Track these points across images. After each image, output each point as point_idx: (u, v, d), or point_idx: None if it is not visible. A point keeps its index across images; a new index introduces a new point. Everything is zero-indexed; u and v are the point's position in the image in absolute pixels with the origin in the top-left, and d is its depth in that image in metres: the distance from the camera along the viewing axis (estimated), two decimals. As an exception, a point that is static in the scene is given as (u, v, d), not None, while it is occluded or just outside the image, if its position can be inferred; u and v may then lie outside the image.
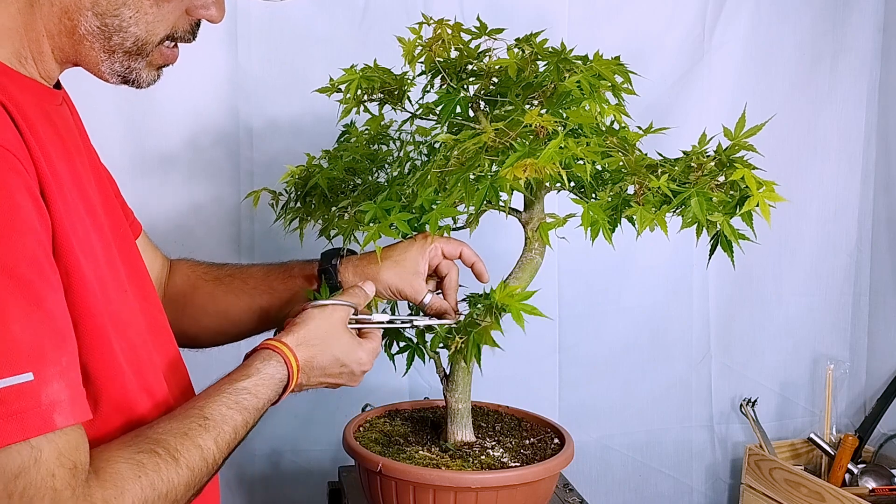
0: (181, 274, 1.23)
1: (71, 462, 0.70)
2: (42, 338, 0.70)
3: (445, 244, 1.18)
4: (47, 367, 0.70)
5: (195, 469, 0.80)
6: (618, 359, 1.97)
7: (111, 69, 0.88)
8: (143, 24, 0.86)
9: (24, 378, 0.68)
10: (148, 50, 0.88)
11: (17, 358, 0.68)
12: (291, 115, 1.71)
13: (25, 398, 0.68)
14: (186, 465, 0.79)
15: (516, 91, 1.10)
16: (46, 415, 0.69)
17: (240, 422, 0.88)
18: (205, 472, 0.82)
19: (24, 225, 0.71)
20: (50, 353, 0.71)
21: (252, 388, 0.91)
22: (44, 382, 0.69)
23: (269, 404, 0.94)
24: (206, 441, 0.83)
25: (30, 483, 0.67)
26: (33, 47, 0.85)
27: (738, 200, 0.98)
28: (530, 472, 1.14)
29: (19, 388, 0.67)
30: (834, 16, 1.99)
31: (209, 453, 0.83)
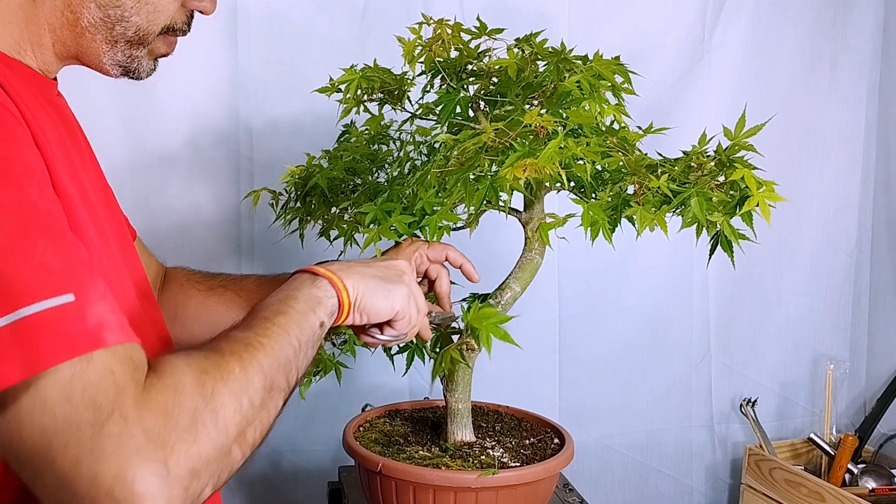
0: (175, 282, 1.23)
1: (130, 360, 0.67)
2: (75, 264, 0.67)
3: (430, 249, 1.18)
4: (87, 289, 0.67)
5: (242, 355, 0.75)
6: (618, 359, 1.97)
7: (113, 60, 0.89)
8: (144, 13, 0.87)
9: (64, 299, 0.64)
10: (149, 40, 0.89)
11: (52, 281, 0.64)
12: (291, 115, 1.71)
13: (70, 318, 0.64)
14: (230, 351, 0.75)
15: (516, 91, 1.10)
16: (95, 332, 0.65)
17: (270, 313, 0.82)
18: (258, 357, 0.76)
19: (34, 170, 0.70)
20: (86, 278, 0.67)
21: (281, 294, 0.87)
22: (87, 302, 0.66)
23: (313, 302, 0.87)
24: (239, 333, 0.79)
25: (88, 381, 0.64)
26: (34, 40, 0.85)
27: (738, 200, 0.98)
28: (530, 472, 1.14)
29: (62, 309, 0.64)
30: (834, 16, 2.00)
31: (250, 339, 0.78)
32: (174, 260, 1.30)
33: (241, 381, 0.73)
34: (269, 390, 0.76)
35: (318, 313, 0.87)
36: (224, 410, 0.70)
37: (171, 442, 0.65)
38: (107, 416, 0.63)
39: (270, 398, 0.77)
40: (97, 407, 0.63)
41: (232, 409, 0.71)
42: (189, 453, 0.66)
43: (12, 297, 0.63)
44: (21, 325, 0.62)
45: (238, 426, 0.71)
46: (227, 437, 0.70)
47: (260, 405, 0.75)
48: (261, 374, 0.75)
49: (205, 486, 0.68)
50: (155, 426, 0.64)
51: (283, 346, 0.80)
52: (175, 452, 0.65)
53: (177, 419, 0.66)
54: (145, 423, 0.64)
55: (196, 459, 0.66)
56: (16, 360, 0.62)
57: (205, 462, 0.67)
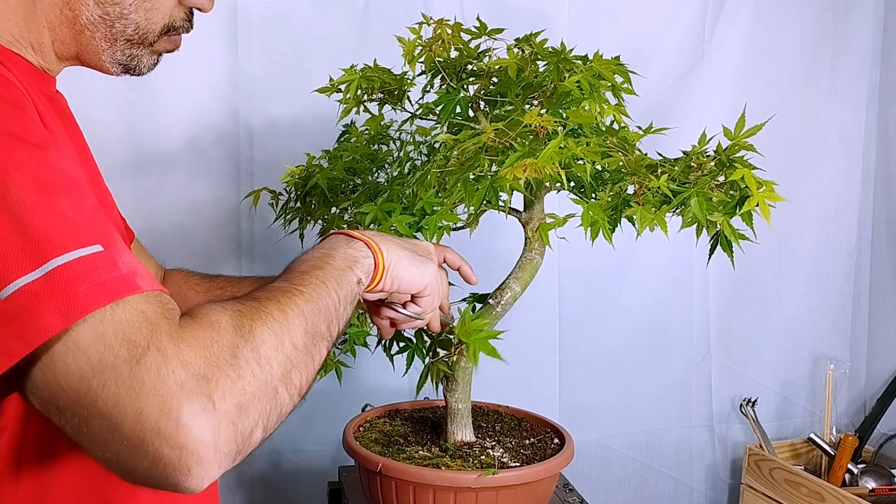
0: (173, 284, 1.23)
1: (160, 302, 0.66)
2: (99, 220, 0.67)
3: None
4: (115, 240, 0.66)
5: (280, 299, 0.73)
6: (618, 359, 1.97)
7: (112, 58, 0.89)
8: (143, 11, 0.87)
9: (94, 248, 0.64)
10: (150, 39, 0.89)
11: (80, 232, 0.64)
12: (291, 115, 1.71)
13: (103, 266, 0.63)
14: (267, 298, 0.73)
15: (516, 91, 1.10)
16: (129, 279, 0.64)
17: (307, 268, 0.81)
18: (298, 301, 0.75)
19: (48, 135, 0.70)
20: (111, 232, 0.67)
21: (317, 252, 0.85)
22: (117, 252, 0.65)
23: (350, 260, 0.85)
24: (276, 284, 0.77)
25: (119, 321, 0.62)
26: (33, 38, 0.85)
27: (738, 200, 0.98)
28: (530, 472, 1.14)
29: (93, 258, 0.63)
30: (834, 16, 2.00)
31: (288, 287, 0.76)
32: (174, 260, 1.30)
33: (282, 322, 0.71)
34: (312, 335, 0.74)
35: (356, 271, 0.85)
36: (265, 348, 0.68)
37: (213, 376, 0.63)
38: (143, 352, 0.61)
39: (314, 344, 0.74)
40: (132, 343, 0.62)
41: (273, 348, 0.69)
42: (234, 388, 0.64)
43: (42, 250, 0.62)
44: (54, 276, 0.61)
45: (282, 365, 0.69)
46: (271, 375, 0.68)
47: (303, 349, 0.72)
48: (301, 317, 0.73)
49: (254, 426, 0.66)
50: (196, 361, 0.63)
51: (323, 296, 0.78)
52: (219, 387, 0.63)
53: (217, 354, 0.64)
54: (185, 357, 0.62)
55: (242, 394, 0.64)
56: (53, 310, 0.61)
57: (251, 397, 0.65)
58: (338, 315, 0.80)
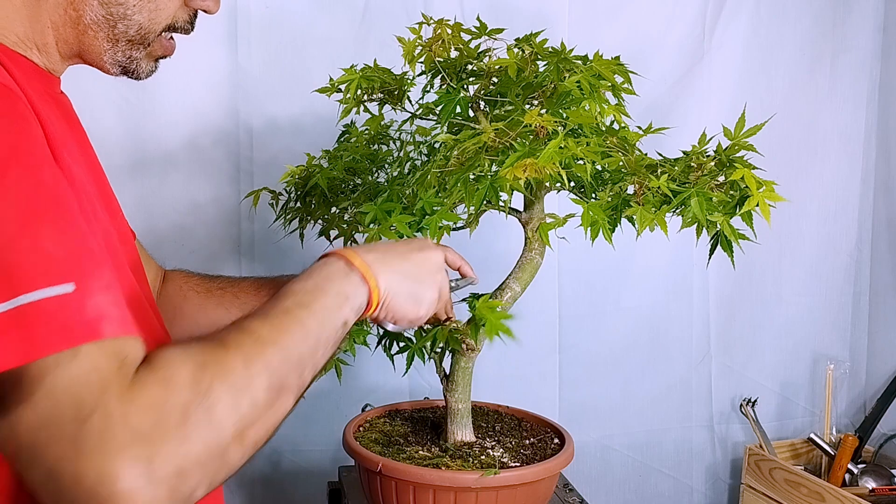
0: (173, 284, 1.23)
1: (116, 355, 0.65)
2: (79, 254, 0.66)
3: None
4: (89, 279, 0.65)
5: (247, 350, 0.71)
6: (618, 359, 1.97)
7: (113, 59, 0.89)
8: (146, 11, 0.87)
9: (64, 288, 0.63)
10: (150, 39, 0.89)
11: (54, 269, 0.64)
12: (291, 115, 1.71)
13: (69, 308, 0.63)
14: (235, 345, 0.71)
15: (516, 91, 1.10)
16: (93, 324, 0.64)
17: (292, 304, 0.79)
18: (267, 354, 0.73)
19: (45, 154, 0.70)
20: (90, 268, 0.66)
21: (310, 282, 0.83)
22: (87, 294, 0.64)
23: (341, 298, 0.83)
24: (252, 323, 0.75)
25: (71, 377, 0.62)
26: (38, 38, 0.85)
27: (738, 200, 0.98)
28: (530, 472, 1.14)
29: (61, 299, 0.63)
30: (834, 16, 2.00)
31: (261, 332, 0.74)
32: (174, 260, 1.30)
33: (243, 378, 0.69)
34: (277, 390, 0.72)
35: (344, 310, 0.83)
36: (220, 409, 0.66)
37: (157, 439, 0.63)
38: (89, 413, 0.62)
39: (278, 398, 0.72)
40: (80, 403, 0.62)
41: (229, 408, 0.67)
42: (177, 452, 0.63)
43: (14, 284, 0.62)
44: (21, 312, 0.62)
45: (236, 426, 0.68)
46: (222, 436, 0.67)
47: (264, 405, 0.71)
48: (266, 372, 0.71)
49: (196, 487, 0.65)
50: (141, 423, 0.62)
51: (299, 343, 0.76)
52: (161, 451, 0.62)
53: (166, 415, 0.64)
54: (130, 419, 0.62)
55: (184, 458, 0.64)
56: (13, 346, 0.61)
57: (194, 462, 0.64)
58: (314, 361, 0.78)
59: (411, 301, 0.92)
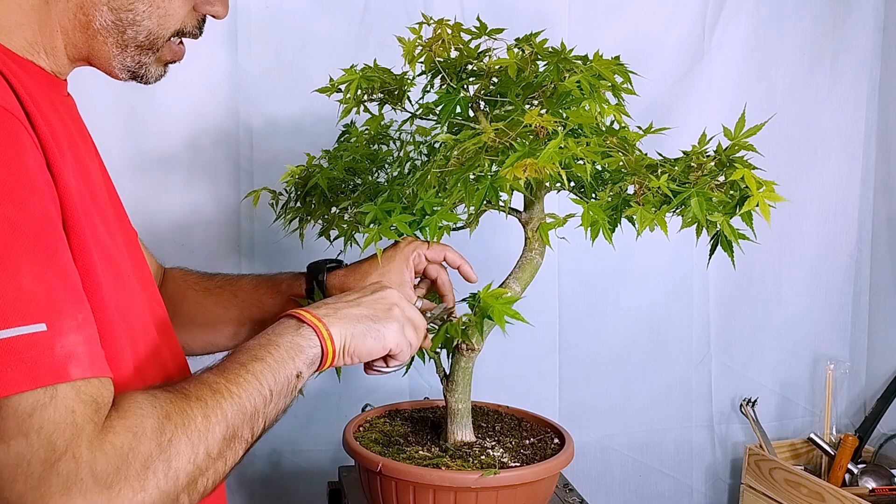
0: (173, 282, 1.24)
1: (92, 399, 0.68)
2: (56, 291, 0.68)
3: (428, 249, 1.18)
4: (62, 319, 0.68)
5: (206, 401, 0.76)
6: (618, 359, 1.97)
7: (122, 64, 0.90)
8: (156, 17, 0.88)
9: (36, 328, 0.66)
10: (159, 44, 0.90)
11: (28, 308, 0.66)
12: (291, 115, 1.71)
13: (38, 348, 0.65)
14: (196, 397, 0.76)
15: (516, 91, 1.10)
16: (60, 365, 0.66)
17: (247, 358, 0.83)
18: (224, 406, 0.77)
19: (35, 184, 0.71)
20: (65, 307, 0.69)
21: (264, 339, 0.87)
22: (58, 334, 0.67)
23: (294, 350, 0.87)
24: (211, 376, 0.80)
25: (47, 419, 0.65)
26: (46, 42, 0.86)
27: (738, 200, 0.98)
28: (530, 472, 1.14)
29: (32, 338, 0.65)
30: (834, 16, 2.00)
31: (218, 385, 0.78)
32: (174, 260, 1.30)
33: (202, 429, 0.74)
34: (231, 440, 0.77)
35: (297, 362, 0.87)
36: (178, 460, 0.71)
37: (117, 486, 0.66)
38: (59, 456, 0.64)
39: (229, 448, 0.77)
40: (52, 446, 0.64)
41: (186, 459, 0.72)
42: (133, 500, 0.67)
43: None
44: None
45: (190, 475, 0.72)
46: (175, 485, 0.71)
47: (217, 455, 0.75)
48: (223, 423, 0.76)
49: None
50: (106, 469, 0.66)
51: (253, 395, 0.80)
52: (119, 498, 0.66)
53: (129, 464, 0.67)
54: (97, 465, 0.65)
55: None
56: None
57: None
58: (266, 413, 0.82)
59: (371, 338, 0.95)
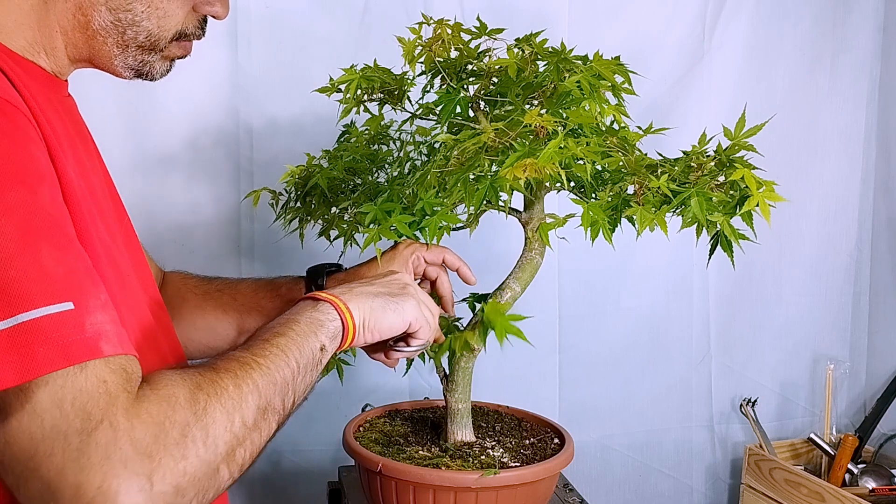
0: (172, 285, 1.24)
1: (123, 371, 0.67)
2: (78, 272, 0.68)
3: (427, 252, 1.19)
4: (88, 298, 0.67)
5: (236, 373, 0.75)
6: (618, 359, 1.97)
7: (125, 63, 0.90)
8: (155, 18, 0.87)
9: (64, 307, 0.64)
10: (161, 45, 0.90)
11: (54, 288, 0.65)
12: (291, 115, 1.71)
13: (68, 327, 0.64)
14: (225, 369, 0.75)
15: (516, 91, 1.10)
16: (93, 342, 0.65)
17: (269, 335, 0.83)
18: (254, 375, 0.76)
19: (43, 173, 0.70)
20: (88, 287, 0.68)
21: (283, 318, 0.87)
22: (86, 312, 0.66)
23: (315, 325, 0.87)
24: (237, 352, 0.79)
25: (80, 390, 0.64)
26: (46, 42, 0.86)
27: (738, 200, 0.98)
28: (530, 472, 1.14)
29: (60, 317, 0.64)
30: (834, 16, 2.00)
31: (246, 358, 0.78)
32: (174, 260, 1.30)
33: (235, 398, 0.73)
34: (264, 410, 0.76)
35: (320, 336, 0.86)
36: (215, 427, 0.70)
37: (158, 455, 0.65)
38: (96, 425, 0.63)
39: (264, 419, 0.76)
40: (87, 415, 0.63)
41: (223, 427, 0.71)
42: (175, 469, 0.66)
43: (12, 302, 0.63)
44: (19, 331, 0.62)
45: (228, 444, 0.71)
46: (215, 454, 0.70)
47: (252, 425, 0.74)
48: (255, 392, 0.75)
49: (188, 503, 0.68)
50: (145, 438, 0.64)
51: (281, 367, 0.79)
52: (161, 467, 0.65)
53: (167, 432, 0.66)
54: (135, 433, 0.64)
55: (182, 476, 0.66)
56: (12, 364, 0.62)
57: (190, 479, 0.67)
58: (295, 386, 0.81)
59: (391, 311, 0.95)
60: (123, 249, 0.90)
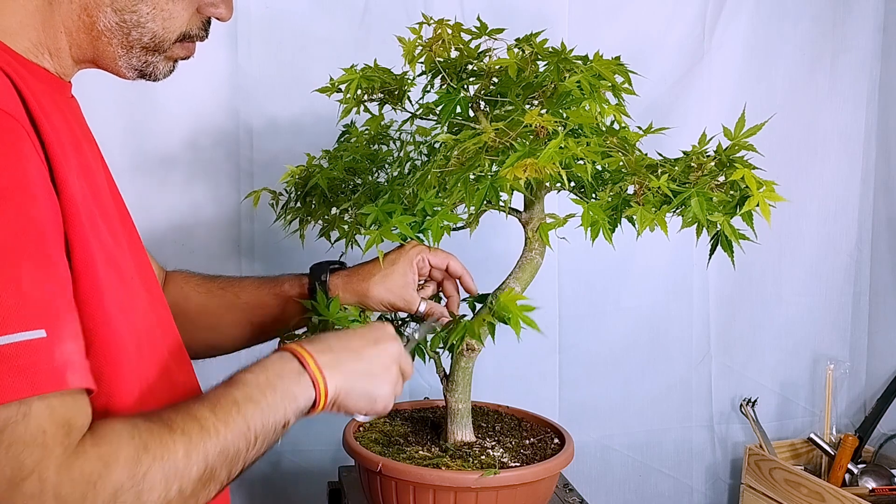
0: (175, 285, 1.23)
1: (66, 421, 0.67)
2: (55, 298, 0.68)
3: (432, 256, 1.19)
4: (61, 326, 0.67)
5: (191, 437, 0.74)
6: (618, 359, 1.97)
7: (129, 64, 0.90)
8: (160, 19, 0.88)
9: (36, 334, 0.65)
10: (165, 47, 0.90)
11: (28, 314, 0.65)
12: (291, 115, 1.71)
13: (38, 354, 0.65)
14: (181, 430, 0.74)
15: (516, 91, 1.10)
16: (59, 373, 0.65)
17: (241, 397, 0.82)
18: (208, 445, 0.76)
19: (34, 191, 0.71)
20: (64, 314, 0.68)
21: (262, 376, 0.86)
22: (58, 340, 0.66)
23: (289, 399, 0.87)
24: (200, 410, 0.78)
25: (17, 438, 0.64)
26: (50, 43, 0.86)
27: (739, 200, 0.98)
28: (530, 472, 1.14)
29: (31, 344, 0.64)
30: (834, 16, 2.00)
31: (207, 421, 0.77)
32: (174, 260, 1.30)
33: (181, 466, 0.72)
34: (206, 482, 0.76)
35: (288, 412, 0.86)
36: (150, 494, 0.69)
37: None
38: (26, 476, 0.63)
39: (203, 489, 0.76)
40: (19, 465, 0.63)
41: (157, 494, 0.70)
42: None
43: None
44: None
45: None
46: None
47: (190, 493, 0.74)
48: (203, 463, 0.75)
49: None
50: (72, 495, 0.64)
51: (238, 440, 0.79)
52: None
53: (97, 493, 0.66)
54: (62, 490, 0.64)
55: None
56: None
57: None
58: (246, 457, 0.82)
59: (364, 399, 0.94)
60: (126, 250, 0.90)
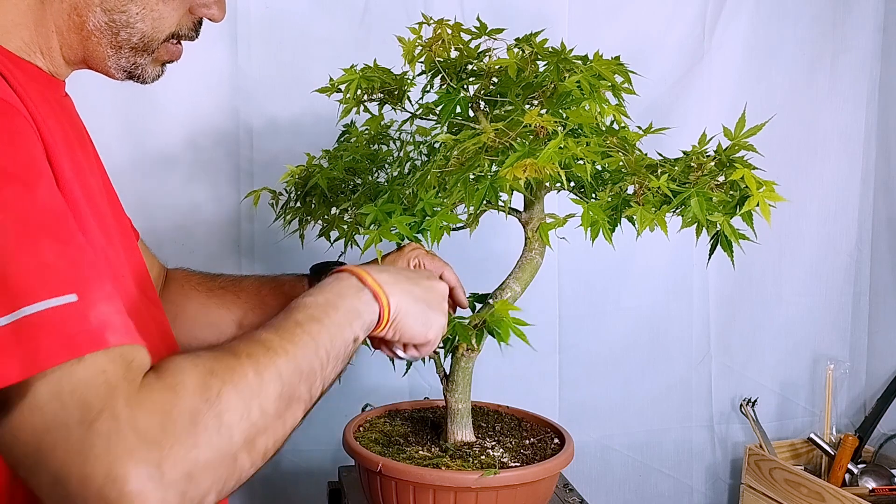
0: (175, 283, 1.23)
1: (123, 359, 0.65)
2: (80, 265, 0.67)
3: (429, 260, 1.18)
4: (91, 289, 0.66)
5: (258, 359, 0.72)
6: (618, 359, 1.97)
7: (117, 65, 0.90)
8: (150, 20, 0.88)
9: (67, 299, 0.63)
10: (153, 46, 0.90)
11: (56, 281, 0.64)
12: (291, 115, 1.71)
13: (72, 318, 0.63)
14: (247, 353, 0.72)
15: (516, 91, 1.10)
16: (97, 333, 0.64)
17: (304, 318, 0.80)
18: (279, 363, 0.73)
19: (42, 171, 0.70)
20: (92, 278, 0.67)
21: (321, 297, 0.84)
22: (91, 303, 0.65)
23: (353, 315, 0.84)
24: (263, 334, 0.76)
25: (78, 381, 0.62)
26: (42, 42, 0.86)
27: (738, 200, 0.98)
28: (530, 472, 1.14)
29: (64, 309, 0.63)
30: (834, 16, 2.00)
31: (272, 342, 0.75)
32: (174, 260, 1.30)
33: (254, 386, 0.70)
34: (287, 400, 0.74)
35: (355, 327, 0.84)
36: (229, 415, 0.67)
37: (166, 444, 0.63)
38: (96, 415, 0.62)
39: (288, 408, 0.74)
40: (87, 406, 0.62)
41: (239, 415, 0.68)
42: (186, 457, 0.64)
43: (14, 296, 0.62)
44: (23, 325, 0.62)
45: (245, 433, 0.69)
46: (231, 442, 0.67)
47: (274, 414, 0.72)
48: (277, 381, 0.73)
49: (206, 493, 0.66)
50: (149, 426, 0.63)
51: (309, 356, 0.77)
52: (171, 455, 0.63)
53: (174, 420, 0.64)
54: (138, 422, 0.62)
55: (194, 463, 0.64)
56: (15, 359, 0.61)
57: (204, 467, 0.65)
58: (323, 375, 0.79)
59: (420, 323, 0.93)
60: (120, 250, 0.90)
